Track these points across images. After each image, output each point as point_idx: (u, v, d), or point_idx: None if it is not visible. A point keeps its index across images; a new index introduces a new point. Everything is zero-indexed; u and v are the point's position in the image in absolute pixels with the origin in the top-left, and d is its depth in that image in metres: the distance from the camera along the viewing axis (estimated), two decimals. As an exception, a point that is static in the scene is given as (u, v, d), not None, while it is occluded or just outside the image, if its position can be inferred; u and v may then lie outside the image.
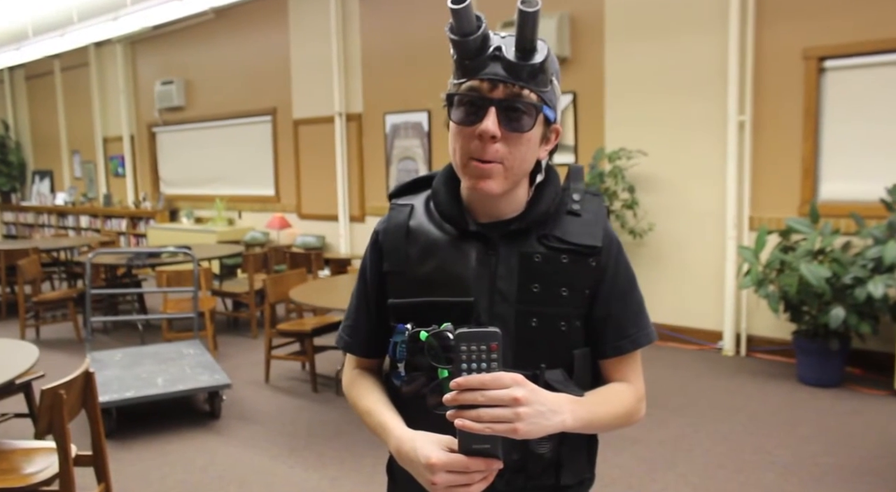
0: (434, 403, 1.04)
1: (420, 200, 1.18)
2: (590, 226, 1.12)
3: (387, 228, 1.17)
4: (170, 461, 3.55)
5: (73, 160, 11.75)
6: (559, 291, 1.09)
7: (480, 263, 1.09)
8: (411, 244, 1.13)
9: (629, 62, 5.44)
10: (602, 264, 1.13)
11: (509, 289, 1.08)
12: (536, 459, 1.09)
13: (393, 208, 1.19)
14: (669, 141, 5.30)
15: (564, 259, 1.10)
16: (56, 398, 2.38)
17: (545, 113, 1.04)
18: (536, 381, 1.06)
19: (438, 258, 1.11)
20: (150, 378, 4.03)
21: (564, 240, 1.10)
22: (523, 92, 1.01)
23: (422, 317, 1.08)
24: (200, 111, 9.22)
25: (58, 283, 8.32)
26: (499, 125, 1.01)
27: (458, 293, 1.08)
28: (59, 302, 6.28)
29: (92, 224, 10.92)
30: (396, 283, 1.14)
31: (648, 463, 3.34)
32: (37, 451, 2.63)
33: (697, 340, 5.30)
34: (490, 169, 1.03)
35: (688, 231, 5.30)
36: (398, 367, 1.10)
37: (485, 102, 1.01)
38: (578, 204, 1.13)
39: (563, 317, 1.10)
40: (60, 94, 11.67)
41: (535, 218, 1.10)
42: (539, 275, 1.09)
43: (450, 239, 1.11)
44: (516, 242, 1.10)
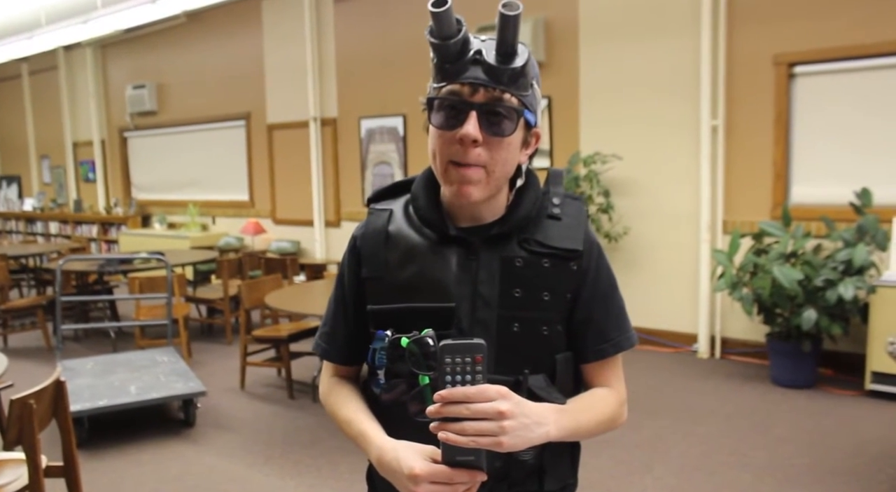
0: (415, 410, 1.03)
1: (399, 204, 1.16)
2: (570, 229, 1.12)
3: (365, 233, 1.16)
4: (144, 471, 3.49)
5: (42, 165, 11.55)
6: (541, 295, 1.09)
7: (461, 267, 1.08)
8: (390, 250, 1.12)
9: (604, 66, 5.49)
10: (583, 268, 1.12)
11: (491, 294, 1.08)
12: (519, 466, 1.09)
13: (371, 213, 1.17)
14: (644, 145, 5.35)
15: (546, 263, 1.09)
16: (25, 408, 2.32)
17: (526, 117, 1.04)
18: (519, 386, 1.06)
19: (418, 263, 1.09)
20: (122, 386, 3.96)
21: (545, 244, 1.09)
22: (504, 96, 1.00)
23: (402, 323, 1.07)
24: (173, 116, 9.11)
25: (26, 290, 8.16)
26: (480, 129, 1.00)
27: (438, 299, 1.07)
28: (27, 310, 6.16)
29: (62, 230, 10.74)
30: (375, 289, 1.13)
31: (625, 465, 3.36)
32: (5, 462, 2.57)
33: (672, 342, 5.35)
34: (471, 174, 1.02)
35: (662, 234, 5.35)
36: (378, 374, 1.08)
37: (465, 106, 1.00)
38: (559, 208, 1.13)
39: (544, 321, 1.10)
40: (28, 98, 11.47)
41: (516, 222, 1.10)
42: (520, 279, 1.08)
43: (430, 244, 1.10)
44: (497, 247, 1.09)
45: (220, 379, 4.89)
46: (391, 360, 1.06)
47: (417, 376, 1.03)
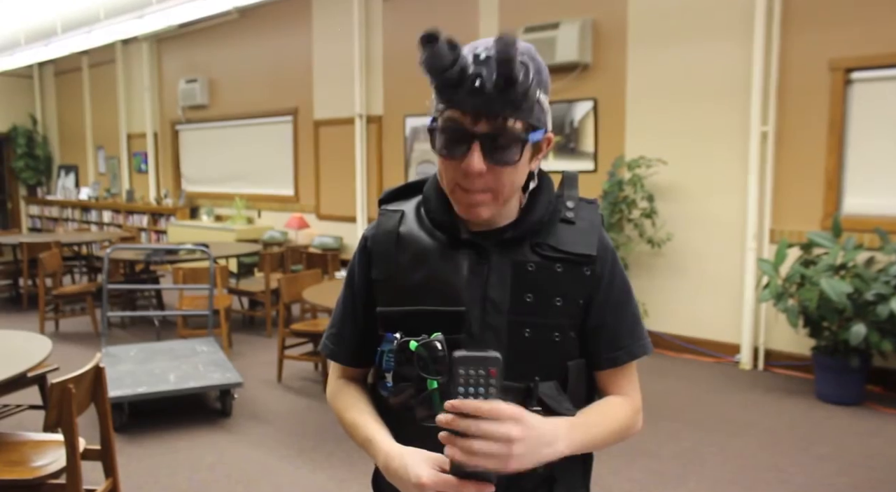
0: (423, 415, 1.02)
1: (411, 206, 1.15)
2: (584, 234, 1.09)
3: (376, 234, 1.15)
4: (179, 458, 3.56)
5: (98, 156, 11.90)
6: (553, 300, 1.07)
7: (472, 271, 1.06)
8: (401, 251, 1.11)
9: (651, 69, 5.39)
10: (597, 273, 1.10)
11: (502, 298, 1.06)
12: (530, 474, 1.06)
13: (383, 214, 1.16)
14: (690, 150, 5.24)
15: (558, 268, 1.07)
16: (65, 392, 2.39)
17: (532, 140, 1.00)
18: (529, 394, 1.05)
19: (429, 266, 1.08)
20: (162, 374, 4.05)
21: (558, 248, 1.07)
22: (507, 123, 0.96)
23: (411, 326, 1.06)
24: (223, 110, 9.29)
25: (79, 277, 8.41)
26: (484, 159, 0.97)
27: (448, 302, 1.06)
28: (78, 296, 6.35)
29: (114, 219, 11.05)
30: (385, 291, 1.12)
31: (660, 476, 3.29)
32: (46, 443, 2.65)
33: (714, 352, 5.23)
34: (478, 198, 1.01)
35: (707, 242, 5.23)
36: (385, 377, 1.07)
37: (467, 135, 0.97)
38: (573, 211, 1.10)
39: (556, 327, 1.08)
40: (87, 90, 11.83)
41: (529, 227, 1.08)
42: (532, 284, 1.07)
43: (441, 247, 1.08)
44: (509, 251, 1.07)
45: (257, 371, 4.96)
46: (399, 363, 1.05)
47: (425, 380, 1.01)
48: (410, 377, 1.04)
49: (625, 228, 5.47)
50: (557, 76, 5.87)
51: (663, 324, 5.48)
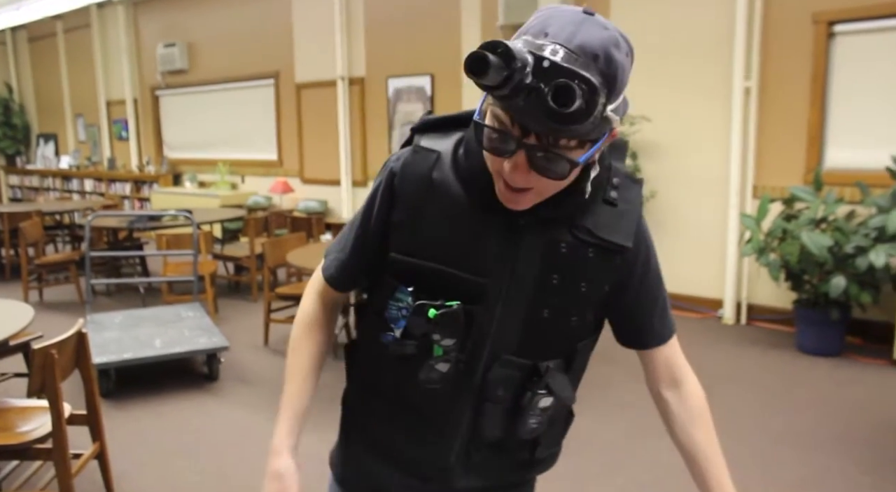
0: (425, 378, 1.02)
1: (448, 145, 1.02)
2: (624, 220, 1.03)
3: (406, 174, 1.03)
4: (167, 422, 3.58)
5: (77, 123, 11.71)
6: (578, 285, 1.03)
7: (503, 242, 0.99)
8: (430, 200, 1.01)
9: (633, 25, 5.33)
10: (629, 262, 1.06)
11: (528, 275, 1.00)
12: (516, 438, 1.09)
13: (416, 151, 1.04)
14: (673, 107, 5.22)
15: (591, 253, 1.02)
16: (47, 358, 2.38)
17: (587, 156, 0.88)
18: (538, 374, 1.04)
19: (458, 225, 1.00)
20: (148, 340, 4.06)
21: (595, 233, 1.01)
22: (560, 141, 0.85)
23: (427, 284, 1.00)
24: (203, 74, 9.13)
25: (61, 246, 8.35)
26: (528, 170, 0.87)
27: (473, 270, 1.00)
28: (61, 264, 6.31)
29: (97, 188, 10.92)
30: (404, 237, 1.04)
31: (641, 429, 3.35)
32: (32, 409, 2.66)
33: (698, 307, 5.29)
34: (520, 198, 0.93)
35: (690, 199, 5.25)
36: (393, 329, 1.04)
37: (514, 142, 0.86)
38: (617, 191, 1.02)
39: (576, 312, 1.05)
40: (63, 57, 11.57)
41: (571, 207, 0.99)
42: (561, 266, 1.01)
43: (475, 206, 0.99)
44: (544, 228, 0.99)
45: (244, 335, 4.97)
46: (410, 321, 1.01)
47: (432, 344, 1.00)
48: (416, 336, 1.01)
49: (609, 186, 5.46)
50: (540, 34, 5.79)
51: (648, 281, 5.52)
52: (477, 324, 1.01)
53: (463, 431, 1.08)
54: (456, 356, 1.01)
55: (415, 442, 1.11)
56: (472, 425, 1.07)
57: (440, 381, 1.02)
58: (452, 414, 1.07)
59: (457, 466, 1.10)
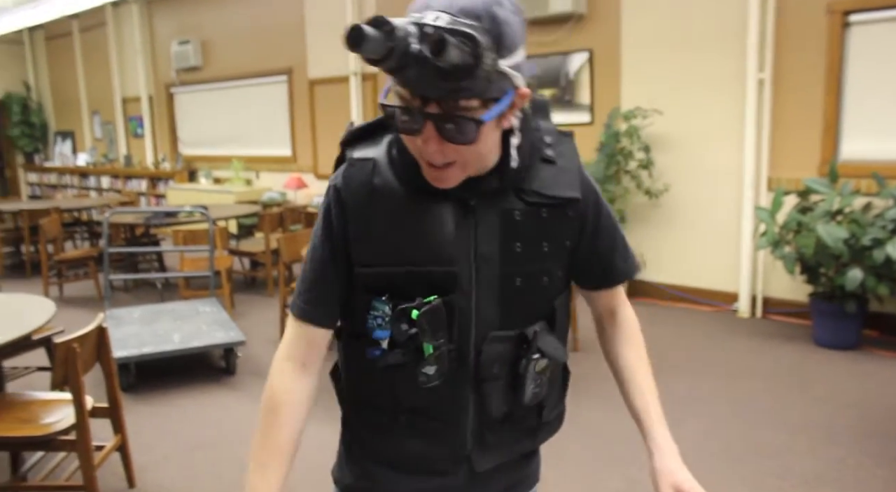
0: (422, 378, 1.02)
1: (381, 150, 1.03)
2: (566, 174, 1.07)
3: (348, 187, 1.03)
4: (185, 415, 3.63)
5: (94, 121, 11.82)
6: (540, 246, 1.06)
7: (458, 225, 1.01)
8: (378, 206, 1.01)
9: (647, 18, 5.32)
10: (581, 212, 1.10)
11: (492, 252, 1.03)
12: (523, 407, 1.11)
13: (351, 164, 1.04)
14: (686, 100, 5.20)
15: (544, 214, 1.05)
16: (70, 352, 2.43)
17: (493, 114, 0.90)
18: (526, 341, 1.06)
19: (410, 223, 1.01)
20: (167, 335, 4.11)
21: (543, 194, 1.04)
22: (459, 103, 0.87)
23: (399, 288, 1.01)
24: (217, 71, 9.19)
25: (80, 242, 8.45)
26: (440, 140, 0.90)
27: (438, 262, 1.01)
28: (80, 260, 6.39)
29: (113, 185, 11.03)
30: (364, 250, 1.03)
31: (657, 422, 3.36)
32: (55, 402, 2.71)
33: (712, 301, 5.28)
34: (445, 174, 0.95)
35: (703, 192, 5.23)
36: (380, 343, 1.03)
37: (420, 116, 0.89)
38: (552, 148, 1.06)
39: (545, 272, 1.08)
40: (79, 55, 11.68)
41: (513, 174, 1.02)
42: (520, 233, 1.04)
43: (421, 200, 1.00)
44: (495, 200, 1.02)
45: (261, 329, 5.02)
46: (394, 328, 1.01)
47: (420, 344, 1.00)
48: (404, 342, 1.01)
49: (622, 179, 5.46)
50: (551, 28, 5.79)
51: (660, 274, 5.52)
52: (458, 311, 1.02)
53: (471, 416, 1.08)
54: (446, 348, 1.02)
55: (427, 442, 1.10)
56: (477, 408, 1.08)
57: (437, 377, 1.03)
58: (457, 404, 1.08)
59: (475, 450, 1.11)
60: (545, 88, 5.96)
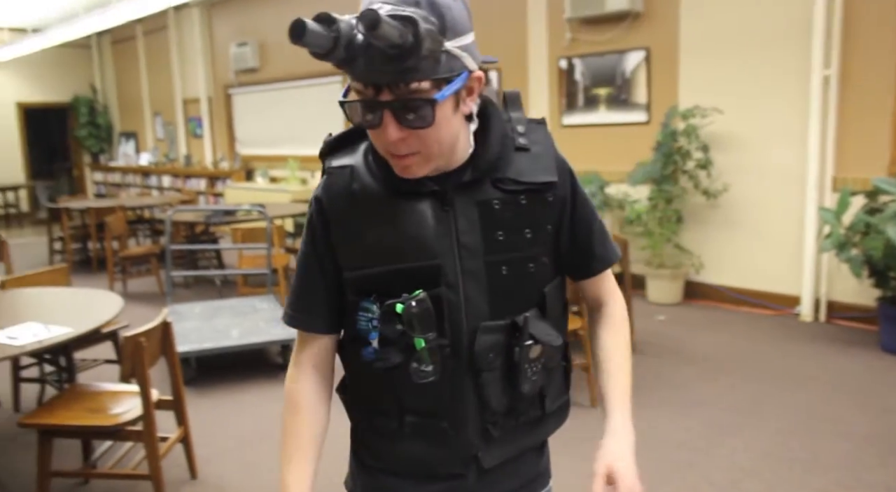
0: (416, 374, 1.03)
1: (358, 157, 1.07)
2: (541, 159, 1.08)
3: (329, 196, 1.07)
4: (244, 409, 3.72)
5: (156, 122, 12.19)
6: (523, 233, 1.07)
7: (438, 220, 1.03)
8: (359, 210, 1.04)
9: (706, 15, 5.21)
10: (559, 196, 1.10)
11: (474, 242, 1.05)
12: (525, 397, 1.11)
13: (330, 173, 1.07)
14: (747, 98, 5.07)
15: (523, 200, 1.06)
16: (137, 345, 2.51)
17: (446, 94, 0.93)
18: (518, 329, 1.07)
19: (392, 222, 1.03)
20: (226, 330, 4.21)
21: (520, 181, 1.06)
22: (411, 86, 0.90)
23: (386, 287, 1.03)
24: (274, 72, 9.37)
25: (142, 239, 8.72)
26: (399, 127, 0.93)
27: (421, 257, 1.02)
28: (143, 257, 6.60)
29: (174, 184, 11.35)
30: (350, 254, 1.07)
31: (715, 427, 3.29)
32: (123, 394, 2.80)
33: (773, 304, 5.14)
34: (409, 162, 0.97)
35: (765, 192, 5.10)
36: (371, 343, 1.05)
37: (376, 105, 0.92)
38: (525, 137, 1.08)
39: (530, 258, 1.09)
40: (143, 58, 12.07)
41: (486, 164, 1.04)
42: (501, 222, 1.05)
43: (400, 199, 1.03)
44: (471, 192, 1.04)
45: (316, 327, 5.08)
46: (383, 326, 1.03)
47: (412, 340, 1.01)
48: (395, 339, 1.03)
49: (679, 179, 5.36)
50: (608, 26, 5.72)
51: (719, 276, 5.40)
52: (447, 305, 1.03)
53: (473, 412, 1.08)
54: (437, 343, 1.03)
55: (435, 445, 1.10)
56: (478, 402, 1.08)
57: (434, 373, 1.03)
58: (458, 400, 1.08)
59: (482, 448, 1.11)
60: (600, 87, 5.90)
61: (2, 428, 3.58)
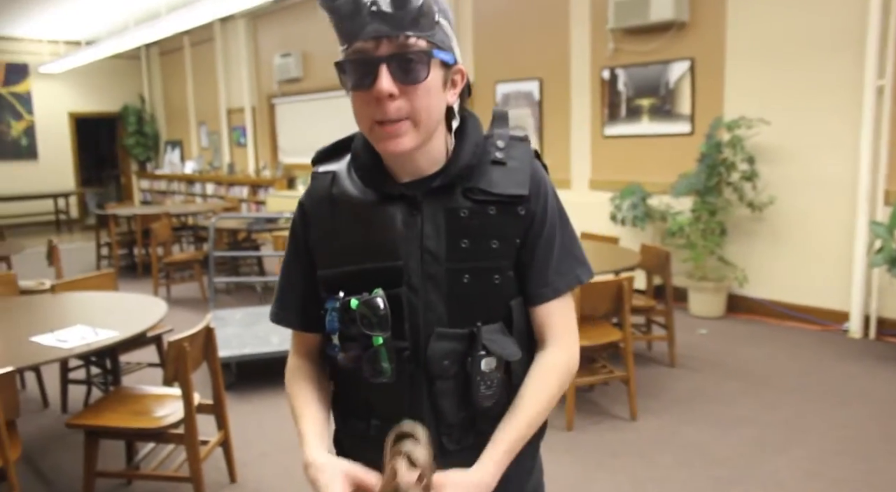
0: (370, 371, 1.04)
1: (342, 165, 1.13)
2: (515, 174, 1.08)
3: (310, 198, 1.14)
4: (284, 415, 3.73)
5: (201, 131, 12.45)
6: (489, 244, 1.07)
7: (406, 224, 1.06)
8: (335, 213, 1.10)
9: (753, 24, 5.13)
10: (531, 211, 1.09)
11: (438, 248, 1.06)
12: (484, 413, 1.09)
13: (315, 177, 1.14)
14: (796, 108, 4.97)
15: (492, 211, 1.07)
16: (181, 350, 2.56)
17: (438, 57, 1.00)
18: (474, 339, 1.06)
19: (364, 224, 1.08)
20: (266, 337, 4.26)
21: (490, 191, 1.06)
22: (409, 41, 0.97)
23: (352, 285, 1.06)
24: (316, 82, 9.50)
25: (186, 245, 8.89)
26: (393, 81, 0.97)
27: (385, 258, 1.06)
28: (186, 263, 6.73)
29: (217, 191, 11.56)
30: (324, 254, 1.12)
31: (759, 445, 3.21)
32: (166, 397, 2.85)
33: (820, 320, 5.00)
34: (397, 128, 1.00)
35: (813, 205, 4.98)
36: (332, 338, 1.08)
37: (373, 62, 0.97)
38: (503, 151, 1.09)
39: (495, 270, 1.08)
40: (189, 69, 12.36)
41: (458, 172, 1.06)
42: (467, 230, 1.06)
43: (373, 203, 1.07)
44: (440, 199, 1.07)
45: (354, 335, 5.11)
46: (343, 323, 1.05)
47: (370, 338, 1.03)
48: (356, 336, 1.04)
49: (723, 191, 5.27)
50: (652, 36, 5.67)
51: (764, 290, 5.28)
52: (407, 306, 1.05)
53: (430, 421, 1.07)
54: (397, 345, 1.04)
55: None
56: (432, 411, 1.08)
57: (388, 373, 1.04)
58: (415, 407, 1.07)
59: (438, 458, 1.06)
60: (643, 98, 5.84)
61: (50, 428, 3.67)
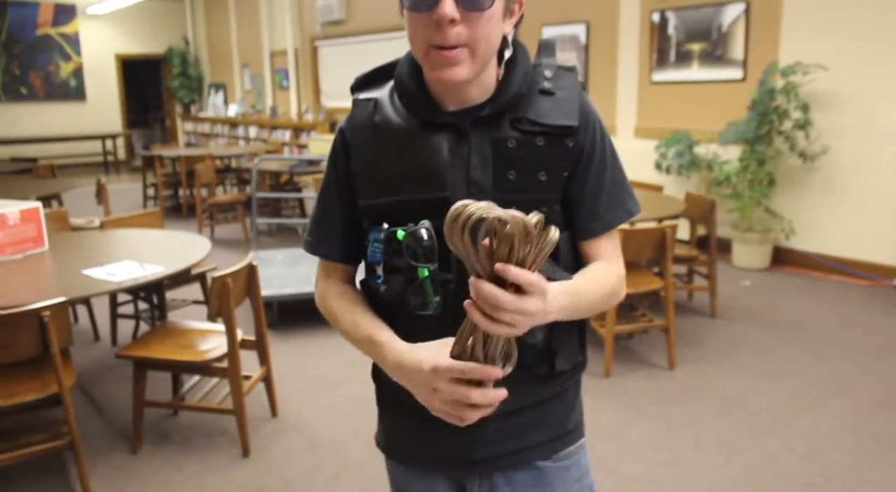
0: (417, 303, 1.01)
1: (384, 92, 1.10)
2: (564, 104, 1.05)
3: (352, 126, 1.10)
4: (323, 354, 3.83)
5: (244, 74, 12.47)
6: (537, 176, 1.04)
7: (452, 153, 1.03)
8: (378, 141, 1.07)
9: (817, -37, 4.87)
10: (579, 143, 1.06)
11: (485, 178, 1.03)
12: (530, 349, 1.04)
13: (356, 105, 1.11)
14: (856, 54, 4.74)
15: (540, 142, 1.04)
16: (224, 286, 2.61)
17: None
18: None
19: (408, 153, 1.04)
20: (307, 277, 4.32)
21: (538, 122, 1.03)
22: None
23: (397, 216, 1.04)
24: (360, 25, 9.38)
25: (229, 187, 9.01)
26: (456, 6, 0.93)
27: (432, 189, 1.03)
28: (230, 205, 6.83)
29: (259, 134, 11.63)
30: (367, 183, 1.08)
31: (799, 397, 3.18)
32: (210, 332, 2.93)
33: (869, 274, 4.88)
34: (455, 55, 0.96)
35: (868, 156, 4.80)
36: (376, 270, 1.05)
37: None
38: (551, 81, 1.05)
39: (543, 202, 1.04)
40: (233, 11, 12.30)
41: (506, 101, 1.03)
42: (514, 161, 1.03)
43: (418, 131, 1.04)
44: (488, 129, 1.04)
45: (393, 278, 5.17)
46: (388, 254, 1.03)
47: (416, 270, 1.00)
48: (400, 268, 1.02)
49: (774, 140, 5.10)
50: (707, -25, 5.44)
51: (812, 243, 5.15)
52: None
53: None
54: (443, 277, 1.00)
55: None
56: None
57: (433, 305, 1.01)
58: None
59: None
60: (694, 42, 5.63)
61: (101, 360, 3.82)
